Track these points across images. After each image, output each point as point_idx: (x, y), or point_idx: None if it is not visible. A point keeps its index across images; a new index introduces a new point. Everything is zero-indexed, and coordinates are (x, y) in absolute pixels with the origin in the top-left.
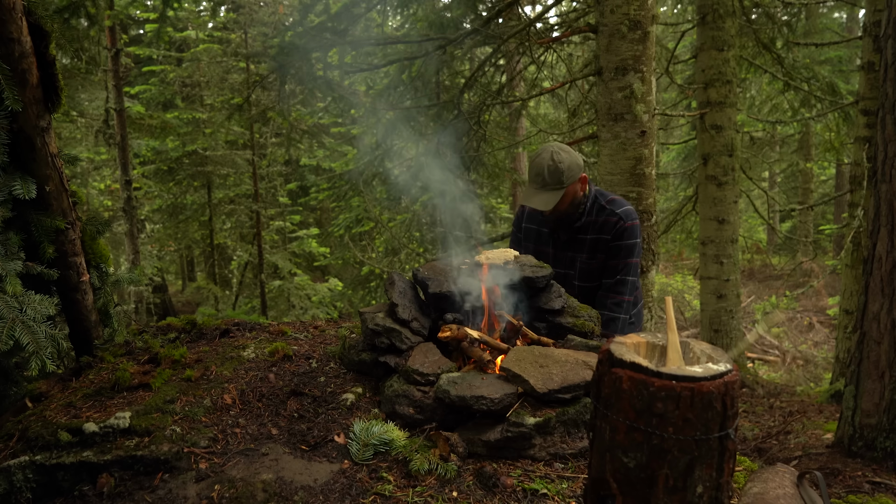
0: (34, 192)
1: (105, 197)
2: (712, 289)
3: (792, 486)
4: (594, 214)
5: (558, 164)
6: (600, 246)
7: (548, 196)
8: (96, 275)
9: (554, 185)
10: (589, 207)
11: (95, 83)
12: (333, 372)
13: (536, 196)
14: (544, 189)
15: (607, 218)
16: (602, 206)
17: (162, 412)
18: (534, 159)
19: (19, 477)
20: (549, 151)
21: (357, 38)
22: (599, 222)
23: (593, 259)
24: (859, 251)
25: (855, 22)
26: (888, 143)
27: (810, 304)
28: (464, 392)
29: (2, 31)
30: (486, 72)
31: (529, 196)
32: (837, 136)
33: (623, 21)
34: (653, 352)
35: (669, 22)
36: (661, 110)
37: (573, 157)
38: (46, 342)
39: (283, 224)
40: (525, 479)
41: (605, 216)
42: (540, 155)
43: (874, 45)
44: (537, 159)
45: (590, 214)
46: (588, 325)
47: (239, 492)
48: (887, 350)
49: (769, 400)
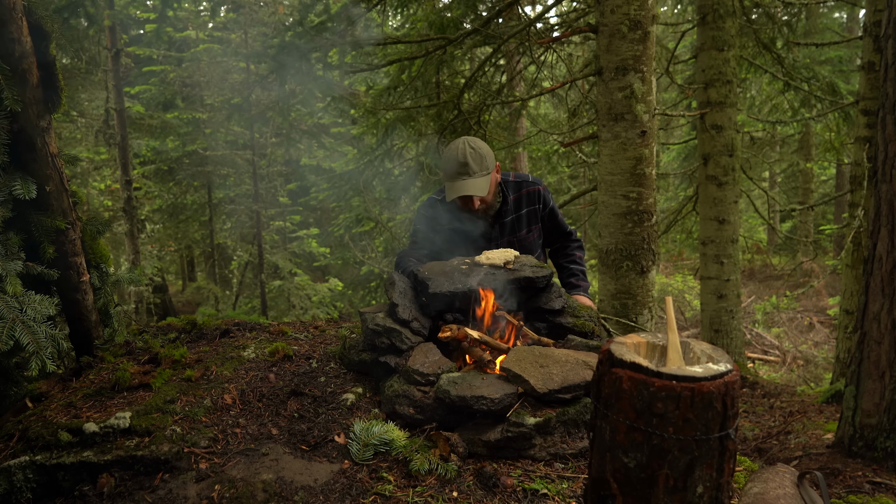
0: (34, 193)
1: (105, 197)
2: (712, 289)
3: (792, 486)
4: (510, 192)
5: (478, 150)
6: (533, 216)
7: (479, 181)
8: (96, 275)
9: (482, 172)
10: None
11: (95, 83)
12: (334, 372)
13: (465, 184)
14: (472, 176)
15: (527, 189)
16: (513, 183)
17: (162, 412)
18: (448, 154)
19: (19, 477)
20: (463, 141)
21: (357, 38)
22: (522, 196)
23: (530, 232)
24: (860, 251)
25: (855, 22)
26: (888, 143)
27: (810, 304)
28: (464, 392)
29: (2, 31)
30: (486, 72)
31: (458, 187)
32: (837, 136)
33: (623, 21)
34: (653, 352)
35: (669, 22)
36: (661, 110)
37: (486, 144)
38: (46, 342)
39: (283, 224)
40: (525, 479)
41: (524, 189)
42: (454, 148)
43: (874, 45)
44: (453, 152)
45: (507, 195)
46: (588, 325)
47: (239, 492)
48: (888, 350)
49: (769, 400)
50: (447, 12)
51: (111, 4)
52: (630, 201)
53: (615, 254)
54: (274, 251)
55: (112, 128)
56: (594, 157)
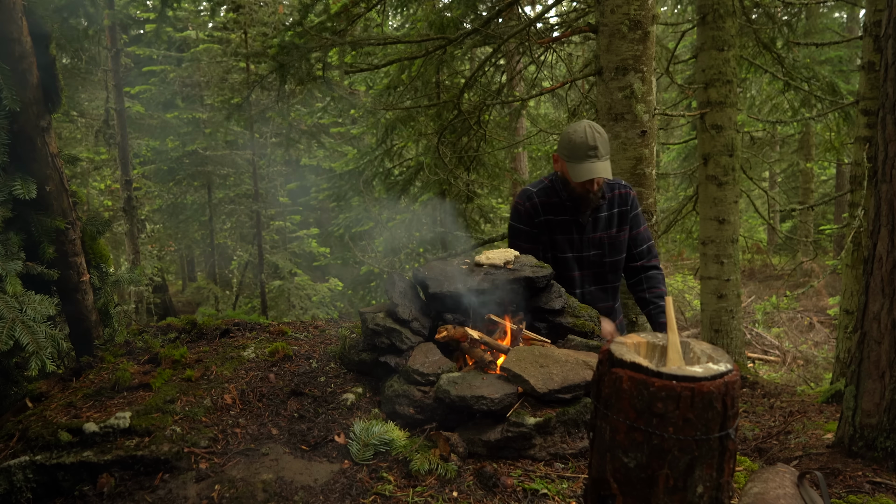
0: (34, 193)
1: (105, 197)
2: (713, 289)
3: (792, 486)
4: (606, 191)
5: (602, 134)
6: (623, 218)
7: (607, 165)
8: (96, 275)
9: (607, 155)
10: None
11: (95, 83)
12: (334, 372)
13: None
14: (601, 160)
15: (620, 191)
16: (606, 183)
17: (162, 412)
18: (575, 136)
19: (19, 477)
20: (588, 124)
21: (357, 38)
22: (615, 197)
23: (621, 232)
24: (860, 251)
25: (855, 22)
26: (888, 142)
27: (811, 304)
28: (464, 392)
29: (2, 31)
30: (486, 72)
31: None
32: (838, 136)
33: (623, 21)
34: (653, 352)
35: (669, 22)
36: (661, 110)
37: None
38: (46, 342)
39: (283, 224)
40: (525, 479)
41: (617, 190)
42: (580, 130)
43: (874, 44)
44: (581, 135)
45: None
46: (588, 325)
47: (239, 492)
48: (888, 350)
49: (769, 400)
50: (447, 12)
51: (111, 4)
52: None
53: None
54: (274, 251)
55: (112, 128)
56: None
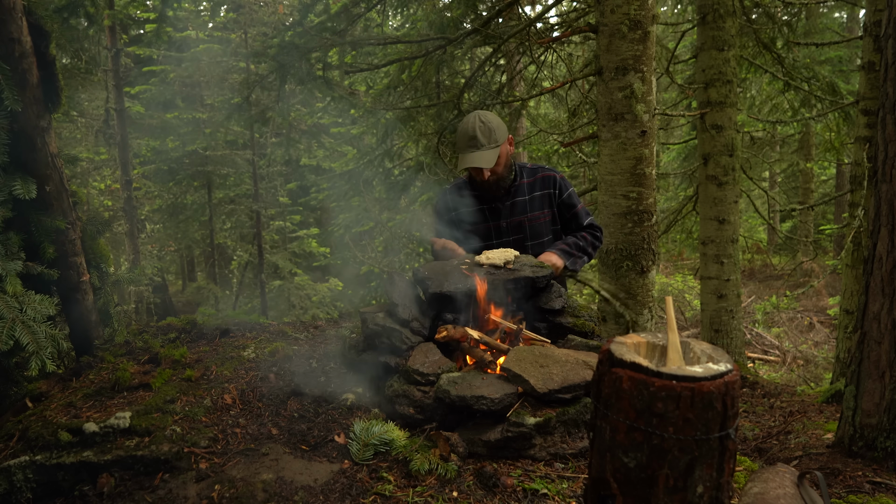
0: (34, 193)
1: (105, 197)
2: (713, 289)
3: (792, 486)
4: (524, 176)
5: (487, 123)
6: (547, 200)
7: (486, 154)
8: (96, 275)
9: (489, 144)
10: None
11: (95, 83)
12: (333, 372)
13: (473, 156)
14: (480, 149)
15: (542, 174)
16: (529, 168)
17: (162, 412)
18: (460, 128)
19: (19, 477)
20: (475, 115)
21: (357, 38)
22: (537, 180)
23: (543, 215)
24: (860, 251)
25: (855, 22)
26: (888, 142)
27: (811, 304)
28: (464, 392)
29: (2, 31)
30: (486, 72)
31: (467, 160)
32: (838, 136)
33: (623, 21)
34: (653, 352)
35: (669, 22)
36: (661, 110)
37: (498, 118)
38: (46, 342)
39: (283, 224)
40: (525, 479)
41: (539, 174)
42: (465, 122)
43: (874, 44)
44: (464, 126)
45: (520, 177)
46: (588, 325)
47: (239, 492)
48: (888, 350)
49: (769, 400)
50: (447, 12)
51: (111, 4)
52: (630, 201)
53: (615, 253)
54: (274, 251)
55: (112, 128)
56: (594, 157)
